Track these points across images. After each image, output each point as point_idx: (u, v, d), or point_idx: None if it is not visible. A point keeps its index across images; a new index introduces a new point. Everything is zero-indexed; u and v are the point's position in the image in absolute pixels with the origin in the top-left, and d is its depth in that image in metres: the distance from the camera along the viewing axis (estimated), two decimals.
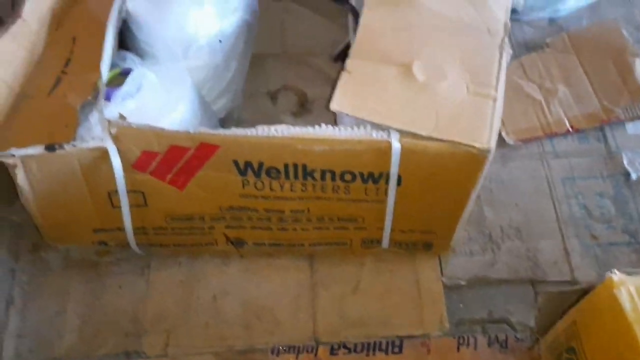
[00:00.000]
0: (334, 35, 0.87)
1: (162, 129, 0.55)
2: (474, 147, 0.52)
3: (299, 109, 0.82)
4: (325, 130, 0.54)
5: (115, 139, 0.56)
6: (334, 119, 0.70)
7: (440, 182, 0.58)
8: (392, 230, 0.65)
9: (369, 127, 0.54)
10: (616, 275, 0.41)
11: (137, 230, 0.65)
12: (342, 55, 0.78)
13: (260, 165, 0.57)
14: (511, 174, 0.78)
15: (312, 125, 0.78)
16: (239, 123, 0.80)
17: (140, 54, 0.68)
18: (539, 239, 0.73)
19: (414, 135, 0.53)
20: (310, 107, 0.83)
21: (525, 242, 0.72)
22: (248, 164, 0.57)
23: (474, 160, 0.54)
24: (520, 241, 0.73)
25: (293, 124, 0.78)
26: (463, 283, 0.70)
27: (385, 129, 0.54)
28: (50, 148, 0.56)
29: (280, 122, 0.79)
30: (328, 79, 0.85)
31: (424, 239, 0.68)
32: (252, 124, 0.79)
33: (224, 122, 0.77)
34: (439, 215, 0.63)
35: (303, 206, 0.62)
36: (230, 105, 0.78)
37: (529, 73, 0.84)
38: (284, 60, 0.86)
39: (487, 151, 0.52)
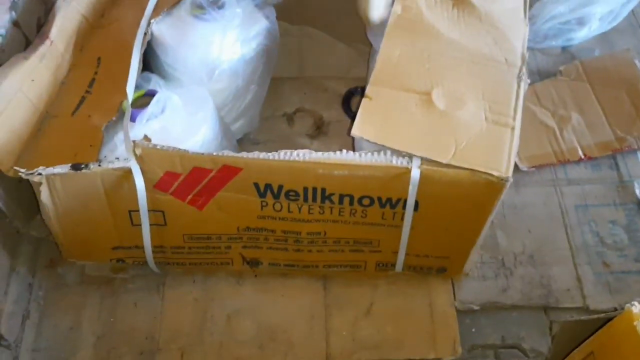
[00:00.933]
0: (351, 60, 0.89)
1: (187, 151, 0.56)
2: (492, 175, 0.53)
3: (314, 131, 0.84)
4: (346, 156, 0.55)
5: (140, 159, 0.57)
6: (351, 142, 0.71)
7: (457, 209, 0.59)
8: (407, 254, 0.66)
9: (388, 153, 0.55)
10: (636, 307, 0.42)
11: (155, 248, 0.66)
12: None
13: (280, 188, 0.58)
14: (524, 200, 0.78)
15: (328, 147, 0.82)
16: (255, 144, 0.81)
17: (164, 75, 0.70)
18: (552, 266, 0.73)
19: (433, 162, 0.55)
20: (326, 129, 0.84)
21: (538, 269, 0.73)
22: (268, 187, 0.58)
23: (491, 188, 0.55)
24: (533, 267, 0.73)
25: (309, 146, 0.83)
26: (476, 308, 0.70)
27: (405, 155, 0.55)
28: (76, 167, 0.57)
29: (296, 143, 0.83)
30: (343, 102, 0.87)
31: (438, 264, 0.68)
32: (268, 145, 0.83)
33: (240, 143, 0.79)
34: (455, 240, 0.64)
35: (320, 228, 0.63)
36: (247, 127, 0.80)
37: (542, 100, 0.85)
38: (301, 83, 0.87)
39: (506, 179, 0.54)
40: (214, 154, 0.56)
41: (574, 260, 0.74)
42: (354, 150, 0.69)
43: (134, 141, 0.56)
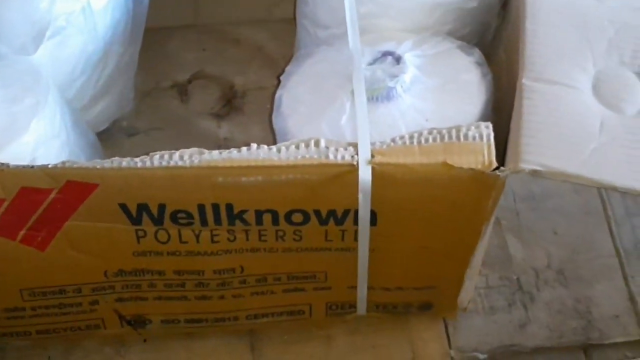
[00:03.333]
0: None
1: (7, 165, 0.54)
2: (475, 168, 0.53)
3: (223, 107, 0.83)
4: (256, 154, 0.54)
5: None
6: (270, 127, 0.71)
7: (435, 218, 0.59)
8: (371, 288, 0.66)
9: (322, 143, 0.54)
10: None
11: None
12: None
13: (162, 208, 0.57)
14: (545, 187, 0.80)
15: (246, 130, 0.82)
16: (132, 135, 0.81)
17: None
18: (592, 283, 0.75)
19: (390, 153, 0.54)
20: (239, 103, 0.84)
21: (571, 289, 0.74)
22: (143, 208, 0.57)
23: (479, 185, 0.54)
24: (564, 287, 0.75)
25: (216, 131, 0.82)
26: (482, 357, 0.71)
27: (348, 146, 0.54)
28: None
29: (195, 128, 0.82)
30: (266, 60, 0.86)
31: (419, 298, 0.69)
32: (152, 135, 0.82)
33: (107, 137, 0.78)
34: (438, 263, 0.64)
35: (233, 263, 0.63)
36: (115, 110, 0.78)
37: None
38: (198, 34, 0.86)
39: (497, 173, 0.53)
40: (51, 165, 0.54)
41: (624, 270, 0.75)
42: (274, 139, 0.69)
43: None
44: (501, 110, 0.65)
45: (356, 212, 0.57)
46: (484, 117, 0.63)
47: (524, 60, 0.58)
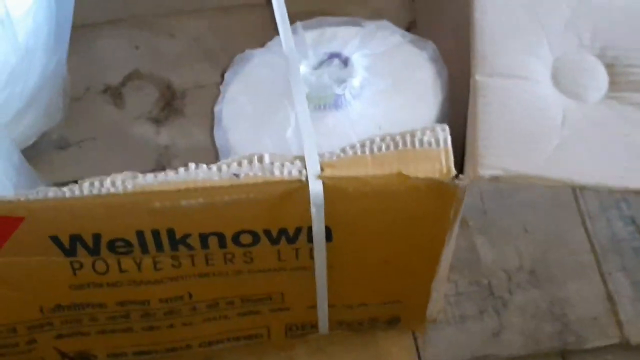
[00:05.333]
0: None
1: None
2: (432, 178, 0.53)
3: (161, 110, 0.83)
4: (195, 174, 0.54)
5: None
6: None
7: (392, 231, 0.59)
8: (332, 306, 0.66)
9: (266, 158, 0.54)
10: None
11: None
12: None
13: (97, 238, 0.56)
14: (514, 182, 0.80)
15: (187, 134, 0.82)
16: (63, 149, 0.80)
17: None
18: (566, 282, 0.76)
19: (340, 166, 0.54)
20: (179, 105, 0.84)
21: (545, 290, 0.75)
22: (76, 239, 0.56)
23: (438, 195, 0.55)
24: (538, 289, 0.75)
25: (154, 138, 0.81)
26: None
27: (295, 160, 0.54)
28: None
29: (132, 136, 0.81)
30: (203, 53, 0.86)
31: (385, 313, 0.69)
32: (86, 146, 0.81)
33: (37, 152, 0.77)
34: (401, 277, 0.64)
35: (180, 290, 0.62)
36: (42, 124, 0.78)
37: None
38: (129, 29, 0.86)
39: (457, 181, 0.54)
40: None
41: (600, 267, 0.76)
42: (217, 154, 0.69)
43: None
44: (456, 104, 0.64)
45: (309, 229, 0.57)
46: (440, 118, 0.63)
47: (475, 55, 0.57)
